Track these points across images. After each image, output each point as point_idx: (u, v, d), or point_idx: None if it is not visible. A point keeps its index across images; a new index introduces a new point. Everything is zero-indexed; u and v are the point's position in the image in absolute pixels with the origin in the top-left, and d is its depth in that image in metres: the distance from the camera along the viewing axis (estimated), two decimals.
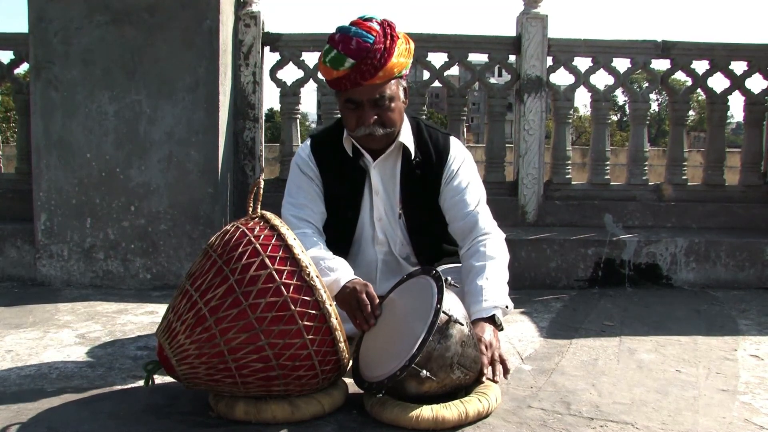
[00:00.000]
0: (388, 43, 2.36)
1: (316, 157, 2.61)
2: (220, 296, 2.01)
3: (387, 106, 2.43)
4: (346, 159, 2.59)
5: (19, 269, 4.09)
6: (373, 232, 2.64)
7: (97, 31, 3.84)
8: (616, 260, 4.13)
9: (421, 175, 2.59)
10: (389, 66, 2.37)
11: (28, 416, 2.16)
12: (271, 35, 4.44)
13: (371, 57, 2.33)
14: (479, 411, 2.12)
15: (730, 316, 3.53)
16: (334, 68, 2.38)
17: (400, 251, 2.67)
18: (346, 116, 2.49)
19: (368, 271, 2.63)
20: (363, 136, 2.47)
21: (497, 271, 2.45)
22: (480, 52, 4.60)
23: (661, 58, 4.59)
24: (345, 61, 2.35)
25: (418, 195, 2.61)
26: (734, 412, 2.26)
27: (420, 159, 2.58)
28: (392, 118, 2.46)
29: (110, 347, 2.90)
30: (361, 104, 2.42)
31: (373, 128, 2.44)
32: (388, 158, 2.60)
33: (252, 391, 2.09)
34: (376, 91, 2.39)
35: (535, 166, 4.47)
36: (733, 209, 4.59)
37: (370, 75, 2.35)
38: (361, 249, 2.67)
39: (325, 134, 2.68)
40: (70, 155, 3.88)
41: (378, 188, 2.61)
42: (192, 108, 3.89)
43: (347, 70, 2.35)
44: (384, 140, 2.51)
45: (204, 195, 3.92)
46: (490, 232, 2.53)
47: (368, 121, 2.42)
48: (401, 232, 2.65)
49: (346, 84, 2.39)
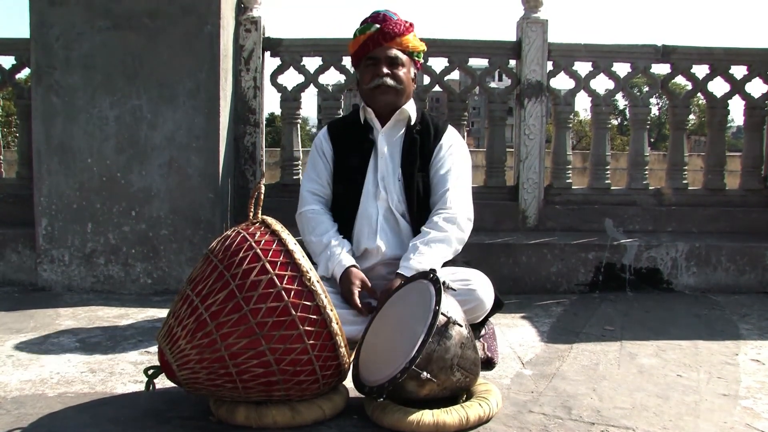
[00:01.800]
0: (407, 25, 2.92)
1: (330, 135, 3.04)
2: (221, 301, 2.01)
3: (399, 66, 2.89)
4: (357, 133, 2.98)
5: (20, 274, 4.09)
6: (376, 190, 2.91)
7: (99, 37, 3.85)
8: (616, 265, 4.13)
9: (420, 142, 2.93)
10: (405, 39, 2.88)
11: (29, 421, 2.16)
12: (272, 40, 4.44)
13: (393, 25, 2.88)
14: (480, 416, 2.12)
15: (731, 320, 3.53)
16: (362, 33, 2.90)
17: (397, 207, 2.90)
18: (364, 74, 2.93)
19: (370, 222, 2.89)
20: (375, 86, 2.87)
21: (438, 241, 2.74)
22: (480, 56, 4.60)
23: (662, 62, 4.59)
24: (372, 27, 2.88)
25: (416, 160, 2.91)
26: (736, 416, 2.26)
27: (420, 128, 2.96)
28: (402, 77, 2.89)
29: (111, 352, 2.90)
30: (378, 60, 2.87)
31: (385, 78, 2.86)
32: (394, 127, 2.96)
33: (253, 396, 2.09)
34: (392, 51, 2.88)
35: (536, 170, 4.47)
36: (733, 213, 4.59)
37: (389, 38, 2.86)
38: (365, 205, 2.92)
39: (341, 118, 3.25)
40: (71, 160, 3.88)
41: (383, 152, 2.93)
42: (193, 113, 3.89)
43: (373, 32, 2.87)
44: (392, 95, 2.89)
45: (205, 200, 3.93)
46: (451, 208, 2.83)
47: (381, 72, 2.86)
48: (399, 191, 2.90)
49: (369, 45, 2.88)
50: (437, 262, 2.70)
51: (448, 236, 2.75)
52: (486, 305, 2.71)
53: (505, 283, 4.05)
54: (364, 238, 2.86)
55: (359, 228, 2.89)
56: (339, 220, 2.92)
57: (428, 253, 2.68)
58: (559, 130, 4.69)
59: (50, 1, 3.84)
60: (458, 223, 2.80)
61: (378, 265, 2.87)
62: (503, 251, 4.11)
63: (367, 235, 2.86)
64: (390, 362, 2.10)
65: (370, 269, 2.86)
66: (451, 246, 2.77)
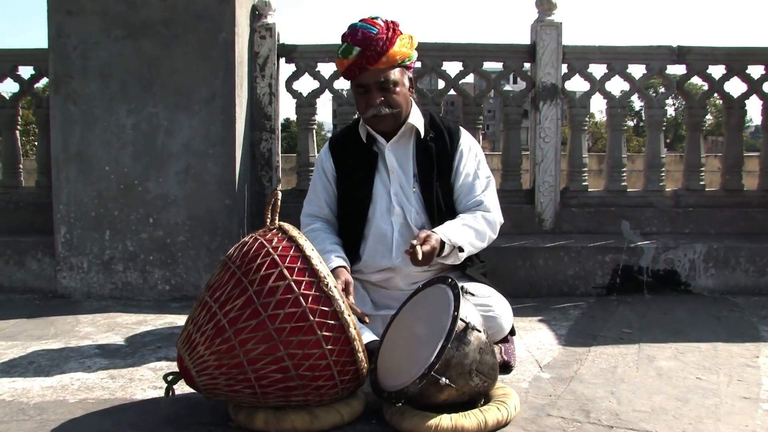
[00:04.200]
0: (389, 35, 2.69)
1: (332, 151, 2.94)
2: (239, 307, 2.03)
3: (392, 89, 2.73)
4: (359, 148, 2.87)
5: (40, 281, 4.13)
6: (389, 205, 2.82)
7: (115, 46, 3.89)
8: (634, 267, 4.11)
9: (436, 149, 2.83)
10: (391, 53, 2.68)
11: (50, 427, 2.19)
12: (287, 46, 4.46)
13: (374, 44, 2.66)
14: (498, 420, 2.12)
15: (751, 322, 3.50)
16: (344, 57, 2.72)
17: (416, 221, 2.81)
18: (358, 102, 2.81)
19: (384, 240, 2.80)
20: (372, 117, 2.75)
21: (475, 227, 2.71)
22: (494, 60, 4.60)
23: (677, 63, 4.56)
24: (353, 50, 2.68)
25: (432, 168, 2.82)
26: (757, 420, 2.24)
27: (433, 135, 2.86)
28: (397, 100, 2.74)
29: (130, 358, 2.92)
30: (368, 88, 2.72)
31: (380, 108, 2.72)
32: (401, 139, 2.85)
33: (271, 401, 2.10)
34: (380, 75, 2.70)
35: (552, 173, 4.46)
36: (752, 214, 4.55)
37: (374, 60, 2.67)
38: (376, 223, 2.83)
39: (342, 132, 3.07)
40: (89, 168, 3.92)
41: (393, 166, 2.83)
42: (209, 120, 3.92)
43: (355, 58, 2.68)
44: (391, 121, 2.78)
45: (222, 206, 3.95)
46: (491, 212, 2.80)
47: (375, 102, 2.71)
48: (416, 203, 2.82)
49: (355, 70, 2.71)
50: (467, 242, 2.65)
51: (484, 232, 2.74)
52: (505, 331, 2.72)
53: (522, 287, 4.04)
54: (379, 256, 2.78)
55: (372, 247, 2.81)
56: (347, 238, 2.84)
57: (462, 231, 2.66)
58: (575, 133, 4.67)
59: (68, 12, 3.88)
60: (494, 226, 2.80)
61: (396, 277, 2.82)
62: (520, 255, 4.11)
63: (382, 253, 2.78)
64: (409, 367, 2.10)
65: (387, 280, 2.83)
66: (484, 242, 2.75)
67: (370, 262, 2.81)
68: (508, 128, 4.72)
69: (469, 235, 2.67)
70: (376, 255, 2.79)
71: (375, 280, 2.84)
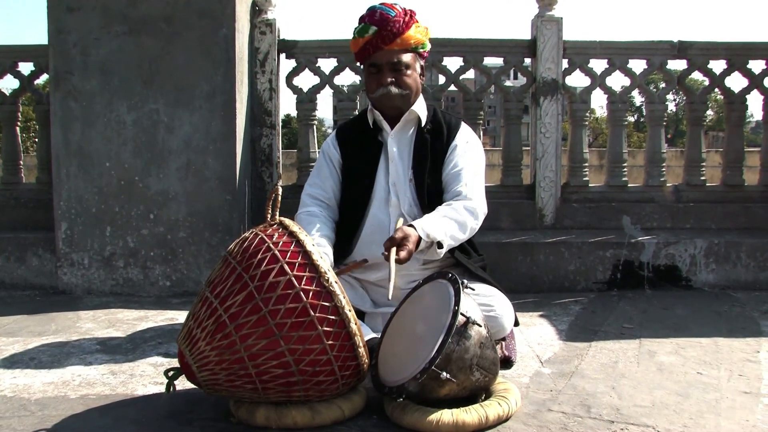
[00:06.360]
0: (406, 19, 2.77)
1: (338, 139, 2.97)
2: (240, 303, 2.03)
3: (403, 71, 2.79)
4: (365, 137, 2.91)
5: (41, 278, 4.14)
6: (387, 195, 2.83)
7: (115, 42, 3.89)
8: (634, 262, 4.11)
9: (431, 142, 2.85)
10: (406, 36, 2.76)
11: (52, 423, 2.19)
12: (287, 42, 4.46)
13: (391, 25, 2.74)
14: (499, 415, 2.12)
15: (752, 317, 3.50)
16: (360, 36, 2.78)
17: (409, 212, 2.80)
18: (368, 81, 2.85)
19: (381, 230, 2.77)
20: (381, 95, 2.79)
21: (456, 218, 2.65)
22: (495, 55, 4.59)
23: (678, 58, 4.56)
24: (369, 29, 2.76)
25: (426, 161, 2.83)
26: (758, 414, 2.24)
27: (431, 127, 2.88)
28: (407, 81, 2.80)
29: (131, 354, 2.92)
30: (381, 68, 2.78)
31: (390, 88, 2.77)
32: (404, 128, 2.88)
33: (272, 396, 2.10)
34: (394, 56, 2.77)
35: (552, 168, 4.46)
36: (752, 209, 4.55)
37: (389, 40, 2.74)
38: (375, 212, 2.84)
39: (349, 122, 3.11)
40: (90, 164, 3.92)
41: (394, 155, 2.85)
42: (209, 116, 3.92)
43: (371, 36, 2.76)
44: (399, 100, 2.81)
45: (222, 202, 3.95)
46: (472, 199, 2.75)
47: (385, 81, 2.77)
48: (411, 195, 2.83)
49: (369, 49, 2.78)
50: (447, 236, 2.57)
51: (464, 223, 2.66)
52: (507, 330, 2.71)
53: (523, 282, 4.05)
54: (376, 246, 2.60)
55: (369, 235, 2.79)
56: (347, 226, 2.84)
57: (441, 224, 2.58)
58: (575, 128, 4.67)
59: (68, 8, 3.88)
60: (476, 215, 2.72)
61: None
62: (521, 250, 4.11)
63: (378, 243, 2.57)
64: (409, 362, 2.11)
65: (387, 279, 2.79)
66: (465, 233, 2.68)
67: (365, 250, 2.76)
68: (509, 124, 4.71)
69: (449, 228, 2.60)
70: (372, 245, 2.71)
71: (374, 279, 2.82)
